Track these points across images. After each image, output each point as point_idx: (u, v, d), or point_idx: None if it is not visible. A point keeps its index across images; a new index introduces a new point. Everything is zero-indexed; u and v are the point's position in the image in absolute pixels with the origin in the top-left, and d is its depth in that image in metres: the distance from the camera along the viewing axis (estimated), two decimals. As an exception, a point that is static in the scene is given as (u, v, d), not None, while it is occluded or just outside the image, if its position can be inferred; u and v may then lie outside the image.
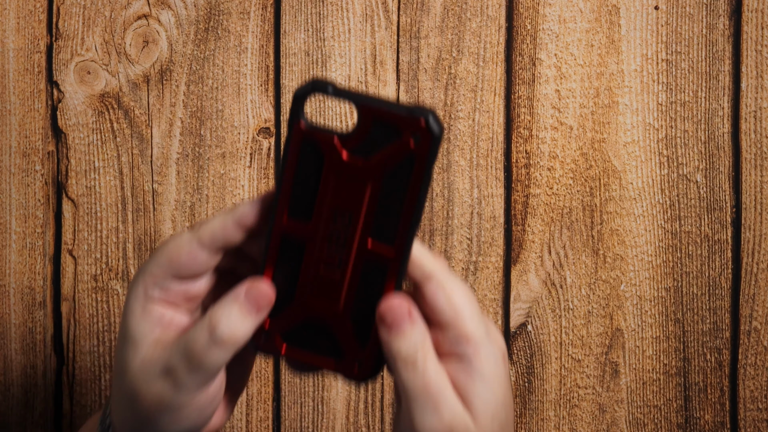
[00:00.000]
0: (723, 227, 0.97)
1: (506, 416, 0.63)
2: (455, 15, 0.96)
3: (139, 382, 0.62)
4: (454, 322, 0.62)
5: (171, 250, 0.63)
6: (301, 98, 0.61)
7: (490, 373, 0.62)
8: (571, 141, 0.97)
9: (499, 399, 0.63)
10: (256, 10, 0.97)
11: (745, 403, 0.98)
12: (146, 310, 0.63)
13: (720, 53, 0.96)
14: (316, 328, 0.64)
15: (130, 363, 0.63)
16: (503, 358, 0.64)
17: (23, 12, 0.97)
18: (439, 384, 0.61)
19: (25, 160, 0.98)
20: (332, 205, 0.62)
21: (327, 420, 0.99)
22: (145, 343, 0.63)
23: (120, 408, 0.64)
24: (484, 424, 0.62)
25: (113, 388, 0.66)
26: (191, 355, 0.61)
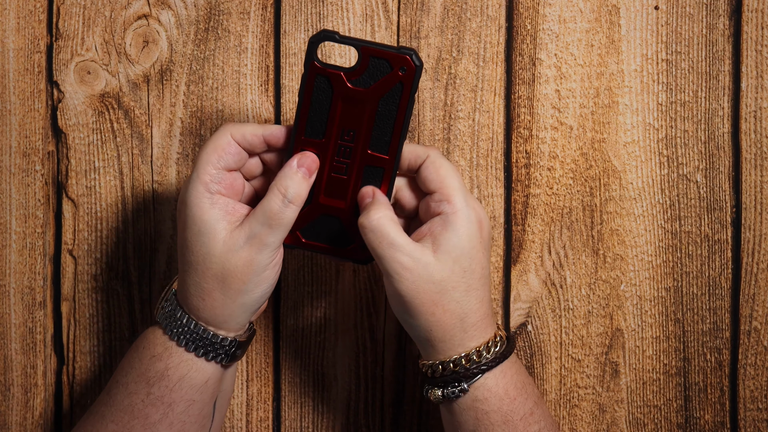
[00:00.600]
0: (723, 227, 0.97)
1: (470, 266, 0.80)
2: (455, 15, 0.96)
3: (227, 256, 0.79)
4: (439, 187, 0.81)
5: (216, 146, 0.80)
6: (315, 43, 0.80)
7: (461, 227, 0.80)
8: (571, 141, 0.97)
9: (464, 248, 0.80)
10: (256, 10, 0.96)
11: (745, 403, 0.98)
12: (213, 201, 0.80)
13: (720, 53, 0.96)
14: (328, 223, 0.84)
15: (213, 247, 0.79)
16: (478, 221, 0.81)
17: (23, 12, 0.97)
18: (392, 237, 0.79)
19: (25, 160, 0.98)
20: (340, 124, 0.82)
21: (327, 420, 0.99)
22: (220, 227, 0.80)
23: (203, 295, 0.80)
24: (445, 261, 0.80)
25: (188, 283, 0.81)
26: (271, 218, 0.79)
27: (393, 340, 0.98)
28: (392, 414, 0.99)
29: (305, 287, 0.98)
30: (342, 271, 0.98)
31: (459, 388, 0.81)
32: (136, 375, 0.82)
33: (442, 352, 0.82)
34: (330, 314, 0.98)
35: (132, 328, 0.99)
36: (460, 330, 0.81)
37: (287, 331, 0.99)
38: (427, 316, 0.80)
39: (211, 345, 0.82)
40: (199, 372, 0.82)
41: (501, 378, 0.82)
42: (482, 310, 0.82)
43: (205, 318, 0.82)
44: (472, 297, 0.81)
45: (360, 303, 0.98)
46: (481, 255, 0.81)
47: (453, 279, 0.80)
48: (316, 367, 0.99)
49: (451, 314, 0.80)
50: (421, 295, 0.80)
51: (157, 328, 0.84)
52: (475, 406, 0.82)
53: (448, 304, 0.80)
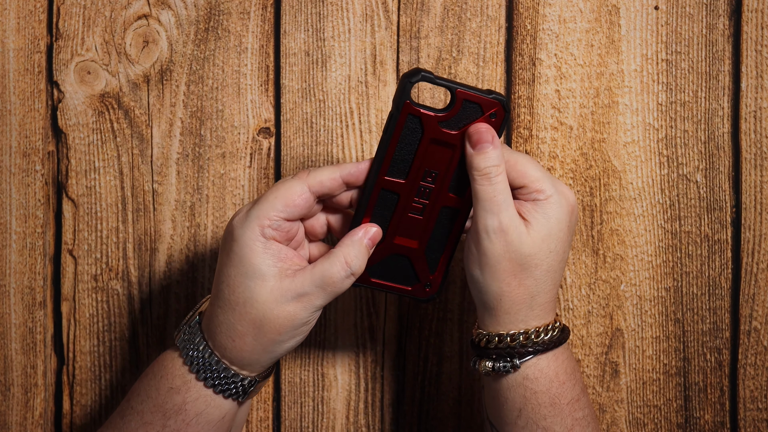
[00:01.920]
0: (723, 227, 0.97)
1: (556, 247, 0.81)
2: (455, 15, 0.96)
3: (270, 306, 0.77)
4: (524, 182, 0.81)
5: (286, 194, 0.78)
6: (411, 82, 0.79)
7: (552, 211, 0.81)
8: (571, 141, 0.97)
9: (553, 229, 0.81)
10: (256, 10, 0.96)
11: (745, 403, 0.98)
12: (267, 246, 0.78)
13: (720, 53, 0.96)
14: (396, 261, 0.84)
15: (258, 293, 0.77)
16: (569, 207, 0.82)
17: (23, 12, 0.97)
18: (504, 196, 0.79)
19: (25, 160, 0.98)
20: (423, 165, 0.81)
21: (327, 420, 0.99)
22: (270, 274, 0.78)
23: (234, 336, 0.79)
24: (536, 238, 0.80)
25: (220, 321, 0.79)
26: (329, 284, 0.78)
27: (393, 340, 0.98)
28: (392, 414, 0.99)
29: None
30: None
31: (511, 364, 0.81)
32: (152, 405, 0.81)
33: (503, 324, 0.82)
34: (330, 314, 0.98)
35: (132, 328, 0.99)
36: (528, 307, 0.81)
37: (287, 331, 0.99)
38: (503, 284, 0.80)
39: (230, 384, 0.80)
40: (216, 409, 0.81)
41: (553, 361, 0.82)
42: (552, 293, 0.82)
43: (230, 357, 0.80)
44: (549, 278, 0.81)
45: (360, 303, 0.98)
46: (568, 239, 0.82)
47: (539, 256, 0.80)
48: (316, 367, 0.99)
49: (525, 289, 0.81)
50: (504, 262, 0.80)
51: (177, 356, 0.81)
52: (525, 384, 0.82)
53: (526, 279, 0.80)
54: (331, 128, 0.97)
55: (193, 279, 0.98)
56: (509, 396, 0.82)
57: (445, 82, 0.79)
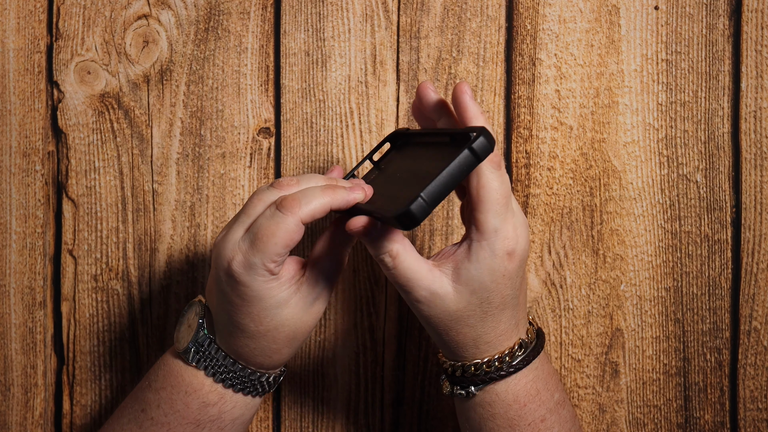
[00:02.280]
0: (723, 227, 0.97)
1: (488, 297, 0.80)
2: (455, 15, 0.96)
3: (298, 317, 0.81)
4: (474, 207, 0.79)
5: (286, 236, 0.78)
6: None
7: (484, 259, 0.79)
8: (571, 141, 0.97)
9: (484, 281, 0.79)
10: (256, 10, 0.96)
11: (745, 403, 0.98)
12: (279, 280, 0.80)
13: (720, 53, 0.96)
14: None
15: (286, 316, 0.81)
16: (505, 253, 0.79)
17: (23, 12, 0.97)
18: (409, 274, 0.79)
19: (25, 160, 0.98)
20: None
21: (327, 420, 0.99)
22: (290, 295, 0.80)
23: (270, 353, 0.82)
24: (462, 293, 0.79)
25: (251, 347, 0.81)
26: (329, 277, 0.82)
27: (393, 340, 0.98)
28: (392, 414, 0.99)
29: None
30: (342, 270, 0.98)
31: (467, 390, 0.83)
32: (180, 417, 0.83)
33: (455, 356, 0.83)
34: (330, 314, 0.98)
35: (132, 328, 0.99)
36: (473, 347, 0.82)
37: (287, 331, 0.99)
38: (443, 335, 0.82)
39: (264, 384, 0.84)
40: (251, 410, 0.85)
41: (513, 385, 0.82)
42: (498, 329, 0.82)
43: (267, 366, 0.83)
44: (488, 323, 0.81)
45: (360, 303, 0.98)
46: (502, 286, 0.80)
47: (469, 309, 0.80)
48: (316, 367, 0.99)
49: (464, 336, 0.82)
50: (435, 321, 0.81)
51: (203, 374, 0.83)
52: (483, 407, 0.83)
53: (461, 329, 0.81)
54: (331, 128, 0.97)
55: (193, 279, 0.98)
56: (469, 416, 0.84)
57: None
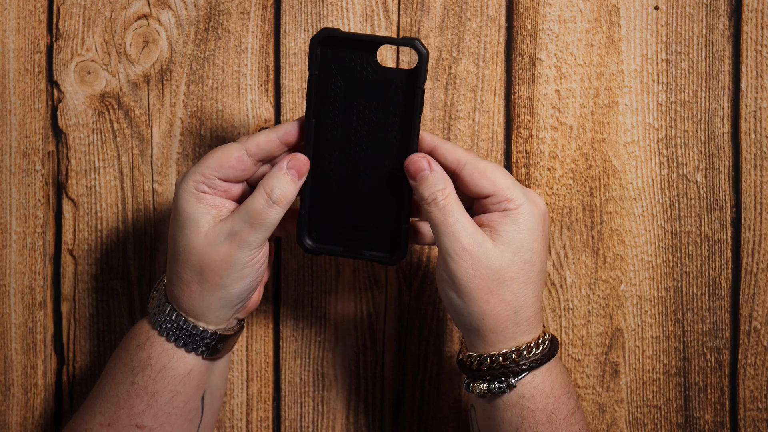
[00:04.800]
0: (723, 227, 0.97)
1: (531, 258, 0.79)
2: (455, 15, 0.96)
3: (206, 250, 0.79)
4: (494, 190, 0.79)
5: (222, 155, 0.79)
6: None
7: (524, 221, 0.79)
8: (571, 141, 0.97)
9: (526, 240, 0.79)
10: (256, 10, 0.96)
11: (745, 403, 0.98)
12: (200, 198, 0.80)
13: (720, 53, 0.96)
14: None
15: (194, 239, 0.80)
16: (540, 215, 0.80)
17: (23, 12, 0.97)
18: (456, 216, 0.78)
19: (25, 160, 0.98)
20: None
21: (327, 420, 0.99)
22: (204, 220, 0.80)
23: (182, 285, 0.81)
24: (506, 251, 0.78)
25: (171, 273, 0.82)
26: (254, 217, 0.78)
27: (393, 340, 0.98)
28: (392, 414, 0.99)
29: (305, 287, 0.98)
30: (342, 271, 0.98)
31: (507, 384, 0.80)
32: (122, 365, 0.83)
33: (492, 344, 0.80)
34: (330, 314, 0.98)
35: (132, 328, 0.99)
36: (514, 323, 0.79)
37: (287, 331, 0.99)
38: (482, 303, 0.79)
39: (190, 336, 0.82)
40: (179, 362, 0.82)
41: (548, 376, 0.80)
42: (536, 305, 0.81)
43: (185, 308, 0.82)
44: (529, 290, 0.80)
45: (360, 303, 0.98)
46: (542, 248, 0.80)
47: (512, 269, 0.79)
48: (316, 367, 0.99)
49: (506, 305, 0.79)
50: (477, 280, 0.78)
51: (145, 318, 0.85)
52: (522, 404, 0.80)
53: (504, 293, 0.79)
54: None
55: (193, 279, 0.98)
56: (506, 416, 0.81)
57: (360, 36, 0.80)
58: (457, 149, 0.81)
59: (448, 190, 0.79)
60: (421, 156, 0.80)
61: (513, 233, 0.79)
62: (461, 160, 0.80)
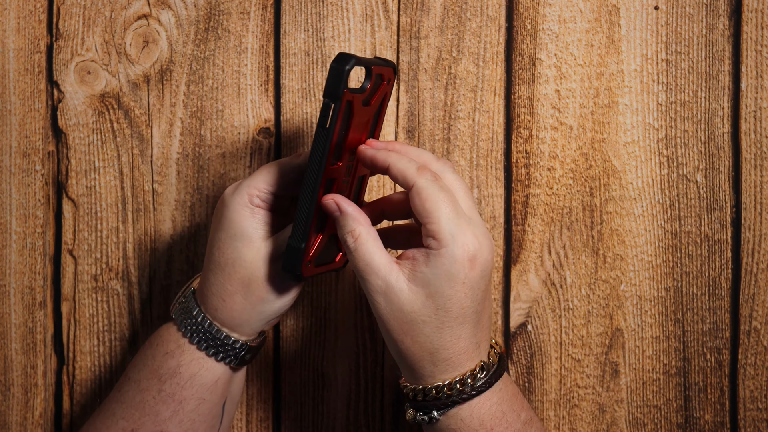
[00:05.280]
0: (723, 227, 0.97)
1: (445, 305, 0.77)
2: (455, 15, 0.96)
3: (257, 264, 0.80)
4: (425, 222, 0.77)
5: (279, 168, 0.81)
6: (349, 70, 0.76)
7: (441, 265, 0.76)
8: (571, 141, 0.97)
9: (441, 286, 0.77)
10: (256, 10, 0.96)
11: (744, 403, 0.98)
12: (254, 212, 0.81)
13: (720, 53, 0.96)
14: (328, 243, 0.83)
15: (245, 253, 0.81)
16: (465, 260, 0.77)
17: (23, 12, 0.97)
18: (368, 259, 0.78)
19: (25, 160, 0.98)
20: (351, 145, 0.80)
21: (327, 420, 0.99)
22: (257, 235, 0.81)
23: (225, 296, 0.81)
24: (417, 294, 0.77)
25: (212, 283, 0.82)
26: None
27: (393, 340, 0.98)
28: (392, 414, 0.99)
29: (305, 287, 0.98)
30: (342, 271, 0.98)
31: (429, 416, 0.80)
32: (148, 371, 0.83)
33: (414, 379, 0.80)
34: (330, 314, 0.98)
35: (132, 328, 0.99)
36: (430, 362, 0.79)
37: (287, 331, 0.99)
38: (398, 343, 0.79)
39: (222, 346, 0.83)
40: (209, 371, 0.83)
41: (477, 409, 0.79)
42: (458, 346, 0.79)
43: (221, 319, 0.82)
44: (445, 334, 0.78)
45: (360, 303, 0.98)
46: (462, 295, 0.77)
47: (424, 313, 0.77)
48: (316, 367, 0.99)
49: (419, 346, 0.78)
50: (392, 321, 0.78)
51: (172, 324, 0.84)
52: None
53: (417, 336, 0.78)
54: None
55: (193, 279, 0.98)
56: None
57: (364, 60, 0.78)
58: (408, 170, 0.78)
59: (358, 230, 0.78)
60: (330, 198, 0.79)
61: (428, 276, 0.77)
62: (409, 182, 0.78)
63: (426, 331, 0.78)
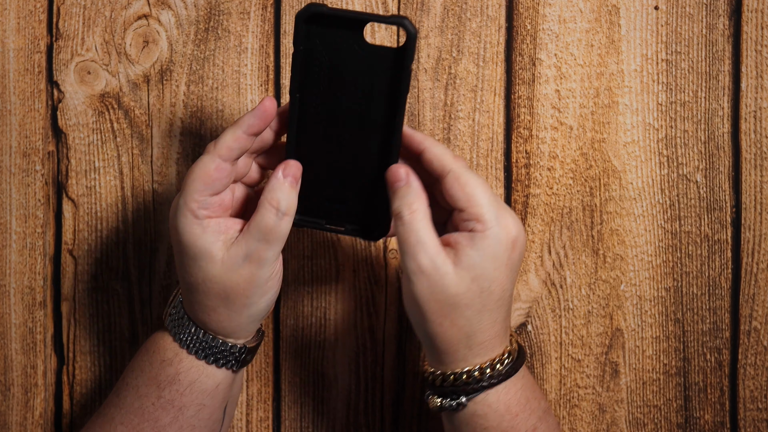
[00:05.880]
0: (723, 227, 0.97)
1: (490, 287, 0.77)
2: (455, 15, 0.96)
3: (227, 276, 0.78)
4: (467, 206, 0.77)
5: (201, 173, 0.78)
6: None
7: (487, 247, 0.77)
8: (571, 141, 0.97)
9: (486, 269, 0.77)
10: (256, 10, 0.97)
11: (745, 403, 0.98)
12: (204, 227, 0.78)
13: (720, 53, 0.96)
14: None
15: (211, 270, 0.78)
16: (509, 242, 0.77)
17: (23, 12, 0.97)
18: (418, 236, 0.76)
19: (25, 160, 0.98)
20: None
21: (327, 420, 0.99)
22: (216, 249, 0.78)
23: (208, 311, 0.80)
24: (463, 277, 0.76)
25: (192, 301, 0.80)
26: (266, 233, 0.77)
27: (393, 340, 0.98)
28: (392, 414, 0.99)
29: (305, 287, 0.98)
30: (342, 271, 0.98)
31: (457, 402, 0.80)
32: (146, 378, 0.82)
33: (445, 363, 0.80)
34: (330, 314, 0.98)
35: (132, 328, 0.99)
36: (465, 346, 0.79)
37: (287, 331, 0.99)
38: (435, 326, 0.78)
39: (221, 353, 0.82)
40: (209, 378, 0.83)
41: (504, 394, 0.80)
42: (493, 330, 0.79)
43: (214, 329, 0.82)
44: (485, 317, 0.78)
45: (360, 303, 0.98)
46: (504, 277, 0.78)
47: (468, 296, 0.77)
48: (316, 367, 0.99)
49: (458, 329, 0.78)
50: (432, 303, 0.78)
51: (167, 333, 0.84)
52: (474, 421, 0.80)
53: (457, 319, 0.78)
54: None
55: (193, 279, 0.98)
56: (461, 430, 0.81)
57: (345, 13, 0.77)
58: (445, 156, 0.79)
59: (416, 205, 0.78)
60: (401, 166, 0.79)
61: (475, 258, 0.77)
62: (446, 167, 0.79)
63: (467, 314, 0.78)
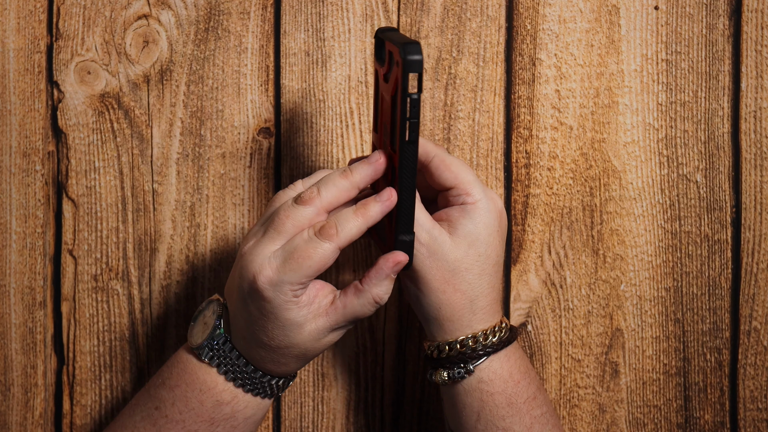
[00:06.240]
0: (723, 227, 0.97)
1: (486, 251, 0.82)
2: (455, 15, 0.96)
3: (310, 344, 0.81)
4: (455, 183, 0.82)
5: (320, 262, 0.79)
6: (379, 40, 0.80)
7: (480, 216, 0.82)
8: (571, 141, 0.97)
9: (481, 234, 0.82)
10: (256, 10, 0.96)
11: (744, 403, 0.98)
12: (299, 302, 0.79)
13: (720, 53, 0.96)
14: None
15: (297, 338, 0.80)
16: (497, 212, 0.83)
17: (23, 12, 0.97)
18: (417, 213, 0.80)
19: (25, 160, 0.98)
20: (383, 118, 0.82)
21: (327, 420, 0.99)
22: (306, 321, 0.80)
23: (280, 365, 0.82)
24: (459, 244, 0.81)
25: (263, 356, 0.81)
26: (357, 317, 0.80)
27: (393, 340, 0.98)
28: (392, 414, 0.99)
29: (305, 287, 0.98)
30: (342, 271, 0.98)
31: (465, 369, 0.83)
32: (195, 415, 0.83)
33: (450, 332, 0.83)
34: (330, 314, 0.98)
35: (132, 328, 0.99)
36: (469, 311, 0.83)
37: (287, 331, 0.99)
38: (438, 293, 0.82)
39: (270, 388, 0.84)
40: (262, 409, 0.85)
41: (506, 361, 0.83)
42: (492, 295, 0.83)
43: (271, 371, 0.84)
44: (485, 281, 0.83)
45: (360, 303, 0.98)
46: (497, 242, 0.83)
47: (467, 261, 0.82)
48: (316, 367, 0.99)
49: (462, 294, 0.82)
50: (433, 272, 0.81)
51: (213, 371, 0.83)
52: (480, 388, 0.83)
53: (459, 284, 0.82)
54: (331, 128, 0.97)
55: (193, 279, 0.98)
56: (467, 401, 0.84)
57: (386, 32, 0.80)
58: (427, 144, 0.84)
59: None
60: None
61: (469, 226, 0.82)
62: (430, 153, 0.84)
63: (468, 278, 0.82)
